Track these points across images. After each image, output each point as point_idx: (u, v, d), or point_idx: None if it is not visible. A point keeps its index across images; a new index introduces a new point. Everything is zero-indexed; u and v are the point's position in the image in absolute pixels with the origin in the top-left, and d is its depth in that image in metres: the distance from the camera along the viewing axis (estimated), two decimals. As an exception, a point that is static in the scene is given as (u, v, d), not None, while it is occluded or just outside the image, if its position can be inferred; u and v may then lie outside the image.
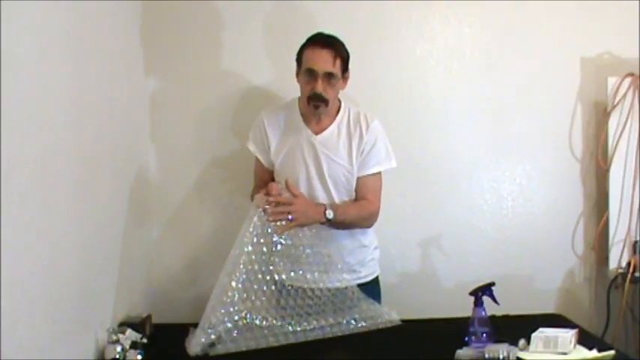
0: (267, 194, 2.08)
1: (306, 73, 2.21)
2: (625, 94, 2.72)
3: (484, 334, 1.95)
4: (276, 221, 2.07)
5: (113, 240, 2.18)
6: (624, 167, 2.74)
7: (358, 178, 2.30)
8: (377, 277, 2.43)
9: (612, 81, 2.74)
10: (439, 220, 2.83)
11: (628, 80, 2.72)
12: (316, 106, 2.22)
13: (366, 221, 2.32)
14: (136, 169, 2.50)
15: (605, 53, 2.84)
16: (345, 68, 2.26)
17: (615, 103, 2.73)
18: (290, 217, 2.08)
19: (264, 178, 2.35)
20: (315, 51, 2.20)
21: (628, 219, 2.74)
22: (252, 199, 2.28)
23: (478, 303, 2.00)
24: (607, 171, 2.77)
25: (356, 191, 2.32)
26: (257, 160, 2.39)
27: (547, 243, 2.86)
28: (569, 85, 2.86)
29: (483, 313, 1.99)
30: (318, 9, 2.71)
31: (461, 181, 2.84)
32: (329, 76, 2.19)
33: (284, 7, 2.73)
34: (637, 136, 2.73)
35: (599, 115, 2.85)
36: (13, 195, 1.38)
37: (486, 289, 2.04)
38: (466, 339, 1.96)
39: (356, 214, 2.27)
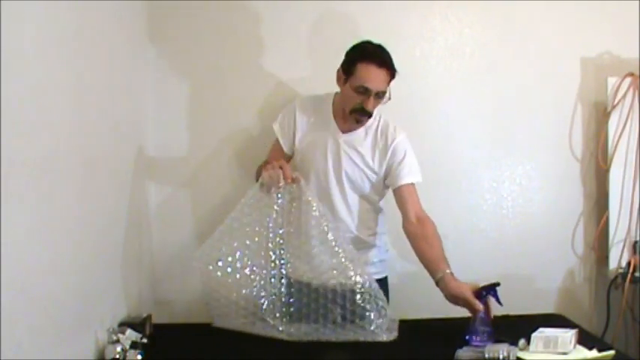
0: (285, 175, 2.07)
1: (359, 88, 2.18)
2: (625, 94, 2.72)
3: (485, 334, 1.95)
4: None
5: (113, 240, 2.18)
6: (624, 167, 2.74)
7: (397, 189, 2.30)
8: (384, 279, 2.44)
9: (612, 81, 2.74)
10: (439, 220, 2.78)
11: (628, 80, 2.72)
12: (359, 120, 2.25)
13: None
14: (137, 169, 2.50)
15: (605, 53, 2.85)
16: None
17: (615, 103, 2.73)
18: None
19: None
20: (371, 69, 2.17)
21: (628, 219, 2.74)
22: (257, 174, 2.27)
23: (481, 302, 2.00)
24: (607, 171, 2.77)
25: (398, 202, 2.32)
26: (276, 141, 2.39)
27: (547, 243, 2.86)
28: (569, 85, 2.86)
29: (484, 313, 1.99)
30: (319, 9, 2.72)
31: (461, 181, 2.85)
32: (380, 94, 2.20)
33: (285, 7, 2.72)
34: (637, 136, 2.73)
35: (599, 115, 2.85)
36: (13, 195, 1.38)
37: (491, 289, 2.03)
38: (467, 337, 1.96)
39: (441, 242, 2.25)
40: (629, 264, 2.70)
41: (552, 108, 2.86)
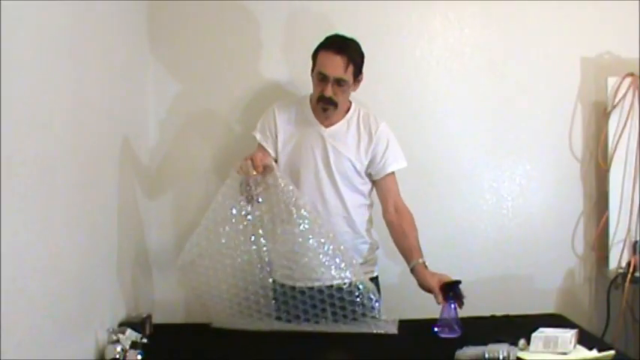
0: (255, 165, 2.06)
1: (318, 75, 2.24)
2: (625, 94, 2.72)
3: (448, 326, 2.07)
4: None
5: (113, 240, 2.18)
6: (624, 167, 2.74)
7: (381, 179, 2.35)
8: (376, 277, 2.42)
9: (612, 81, 2.74)
10: (439, 220, 2.83)
11: (628, 80, 2.72)
12: (324, 108, 2.27)
13: None
14: (136, 169, 2.50)
15: (605, 53, 2.85)
16: (357, 72, 2.28)
17: (615, 103, 2.73)
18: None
19: None
20: (328, 56, 2.22)
21: (628, 219, 2.74)
22: None
23: (448, 297, 2.09)
24: (607, 171, 2.77)
25: (380, 192, 2.37)
26: (259, 147, 2.37)
27: (547, 243, 2.86)
28: (569, 85, 2.86)
29: (453, 310, 2.07)
30: (319, 9, 2.72)
31: (461, 181, 2.84)
32: (340, 81, 2.22)
33: (285, 7, 2.73)
34: (637, 136, 2.73)
35: (599, 115, 2.85)
36: (14, 195, 1.38)
37: (454, 287, 2.11)
38: (434, 328, 2.06)
39: (416, 232, 2.33)
40: (629, 264, 2.70)
41: (552, 108, 2.86)
